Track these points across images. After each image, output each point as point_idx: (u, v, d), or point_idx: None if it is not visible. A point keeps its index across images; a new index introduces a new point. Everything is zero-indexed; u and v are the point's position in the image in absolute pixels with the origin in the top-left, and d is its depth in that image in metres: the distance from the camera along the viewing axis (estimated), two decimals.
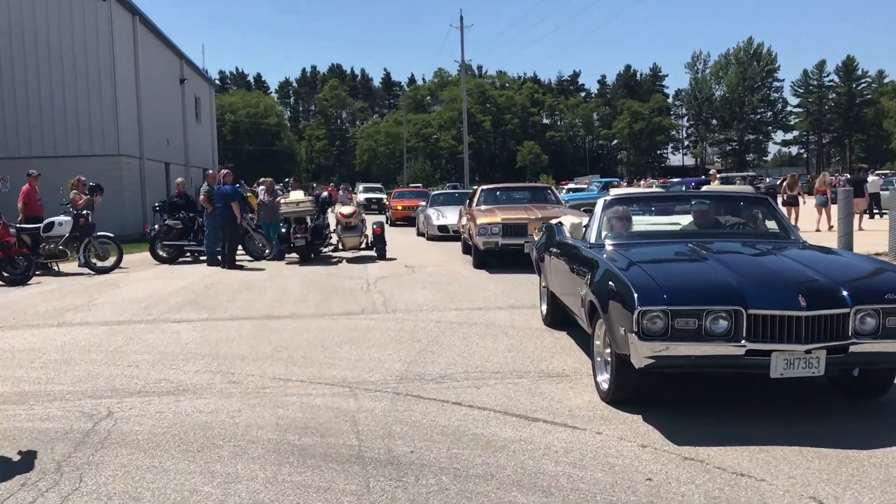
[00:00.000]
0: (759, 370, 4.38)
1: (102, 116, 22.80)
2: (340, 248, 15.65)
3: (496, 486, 3.70)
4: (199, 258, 15.39)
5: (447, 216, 19.39)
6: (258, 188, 18.70)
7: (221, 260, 14.09)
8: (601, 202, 6.29)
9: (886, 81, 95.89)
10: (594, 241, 5.98)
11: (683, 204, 6.55)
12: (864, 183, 18.81)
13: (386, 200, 35.35)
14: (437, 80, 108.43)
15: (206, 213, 14.71)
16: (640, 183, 50.77)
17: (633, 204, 6.49)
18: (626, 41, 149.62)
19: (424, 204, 22.49)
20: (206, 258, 14.80)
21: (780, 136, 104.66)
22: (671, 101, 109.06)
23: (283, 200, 15.03)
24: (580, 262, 5.85)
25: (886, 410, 4.86)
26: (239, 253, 14.98)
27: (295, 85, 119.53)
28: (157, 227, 15.51)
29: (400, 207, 28.41)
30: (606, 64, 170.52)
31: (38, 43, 22.40)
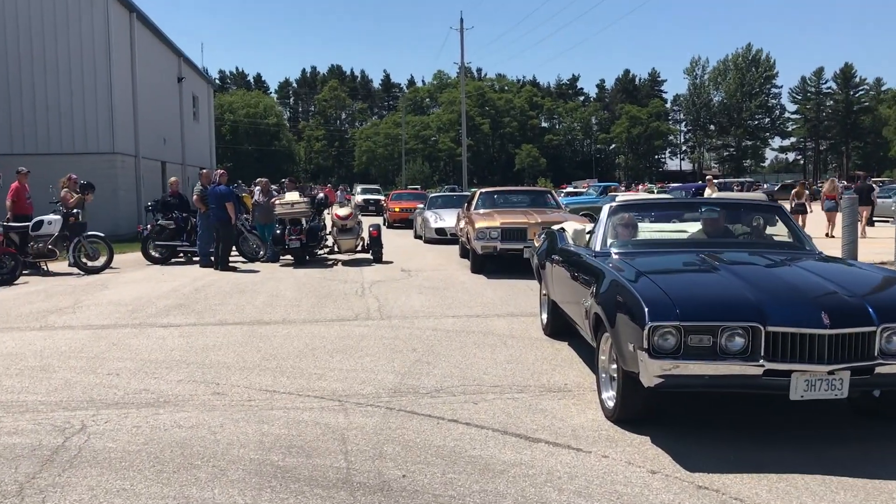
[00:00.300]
0: (777, 391, 4.08)
1: (97, 114, 22.44)
2: (336, 250, 15.34)
3: None
4: (192, 259, 15.08)
5: (445, 219, 19.14)
6: (255, 188, 18.40)
7: (214, 261, 13.80)
8: (606, 209, 5.98)
9: (885, 89, 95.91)
10: (599, 249, 5.69)
11: (692, 211, 6.26)
12: (870, 191, 18.57)
13: (384, 202, 35.06)
14: (436, 82, 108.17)
15: (199, 213, 14.43)
16: (637, 188, 50.54)
17: (639, 211, 6.20)
18: (625, 46, 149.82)
19: (422, 206, 22.20)
20: (198, 259, 14.51)
21: (777, 142, 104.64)
22: (669, 106, 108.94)
23: (277, 201, 14.72)
24: (584, 271, 5.56)
25: None
26: (233, 254, 14.69)
27: (294, 85, 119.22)
28: (149, 226, 15.20)
29: (397, 209, 28.12)
30: (605, 68, 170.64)
31: (32, 39, 22.04)
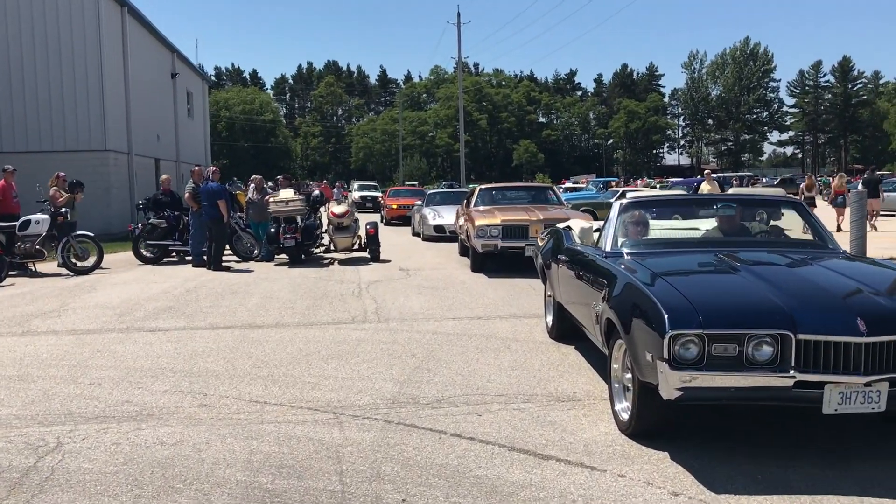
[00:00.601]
0: (808, 404, 3.76)
1: (89, 111, 22.03)
2: (332, 249, 15.00)
3: None
4: (185, 258, 14.74)
5: (444, 216, 18.80)
6: (252, 186, 18.05)
7: (207, 261, 13.46)
8: (617, 206, 5.64)
9: (883, 82, 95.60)
10: (610, 248, 5.35)
11: (708, 208, 5.92)
12: (878, 183, 18.27)
13: (381, 198, 34.71)
14: (433, 77, 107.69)
15: (191, 211, 14.09)
16: (636, 183, 50.19)
17: (652, 208, 5.86)
18: (622, 40, 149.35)
19: (420, 203, 21.85)
20: (191, 259, 14.17)
21: (775, 136, 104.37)
22: (667, 100, 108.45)
23: (271, 199, 14.37)
24: (594, 272, 5.23)
25: None
26: (226, 253, 14.36)
27: (291, 81, 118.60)
28: (140, 225, 14.84)
29: (395, 206, 27.78)
30: (603, 63, 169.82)
31: (21, 34, 21.62)
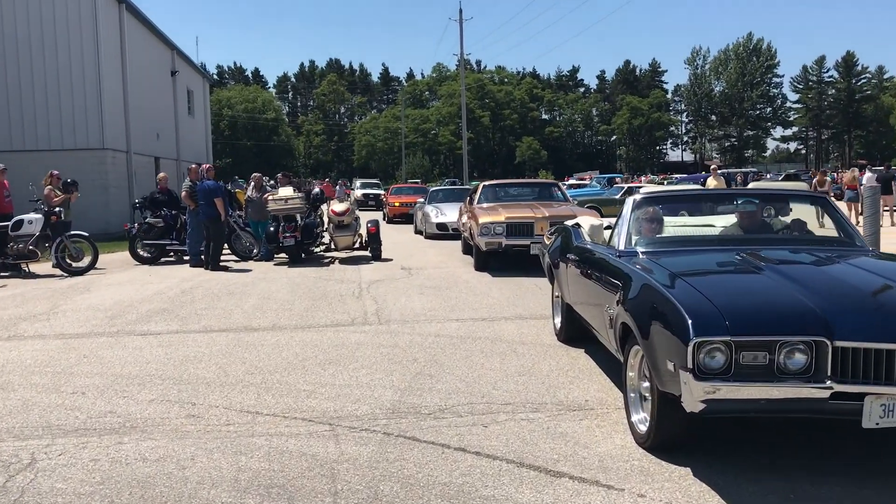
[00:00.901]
0: (846, 417, 3.44)
1: (86, 108, 21.71)
2: (333, 247, 14.70)
3: None
4: (183, 258, 14.44)
5: (446, 213, 18.51)
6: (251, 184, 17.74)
7: (205, 260, 13.16)
8: (630, 202, 5.31)
9: (887, 77, 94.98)
10: (624, 247, 5.02)
11: (727, 203, 5.59)
12: (892, 180, 17.90)
13: (383, 196, 34.41)
14: (435, 74, 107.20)
15: (188, 210, 13.79)
16: (640, 179, 49.80)
17: (668, 204, 5.53)
18: (625, 36, 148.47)
19: (422, 200, 21.54)
20: (189, 258, 13.87)
21: (779, 132, 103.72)
22: (670, 96, 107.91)
23: (270, 197, 14.05)
24: (607, 272, 4.91)
25: None
26: (225, 253, 14.06)
27: (293, 80, 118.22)
28: (136, 225, 14.55)
29: (397, 204, 27.47)
30: (605, 59, 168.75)
31: (17, 30, 21.29)
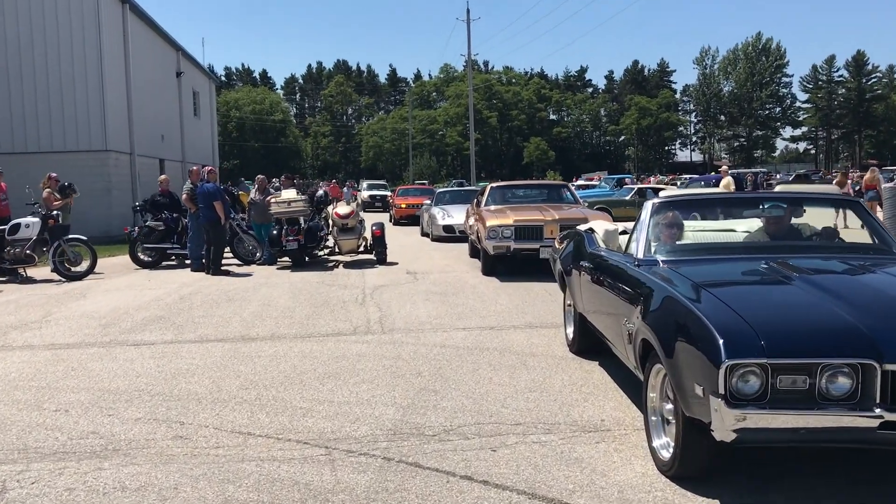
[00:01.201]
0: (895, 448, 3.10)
1: (88, 110, 21.46)
2: (337, 251, 14.38)
3: None
4: (184, 262, 14.15)
5: (453, 216, 18.20)
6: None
7: (206, 265, 12.87)
8: (649, 206, 4.96)
9: None
10: (642, 256, 4.66)
11: (753, 208, 5.22)
12: None
13: (390, 198, 34.11)
14: (442, 75, 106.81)
15: (190, 213, 13.51)
16: (648, 180, 49.35)
17: (689, 209, 5.17)
18: (633, 36, 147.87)
19: (429, 202, 21.22)
20: (190, 262, 13.59)
21: (788, 132, 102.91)
22: (679, 96, 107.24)
23: (273, 200, 13.75)
24: (625, 282, 4.56)
25: None
26: (228, 256, 13.77)
27: (300, 81, 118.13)
28: (136, 228, 14.27)
29: (403, 205, 27.17)
30: (614, 59, 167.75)
31: (20, 31, 21.04)
